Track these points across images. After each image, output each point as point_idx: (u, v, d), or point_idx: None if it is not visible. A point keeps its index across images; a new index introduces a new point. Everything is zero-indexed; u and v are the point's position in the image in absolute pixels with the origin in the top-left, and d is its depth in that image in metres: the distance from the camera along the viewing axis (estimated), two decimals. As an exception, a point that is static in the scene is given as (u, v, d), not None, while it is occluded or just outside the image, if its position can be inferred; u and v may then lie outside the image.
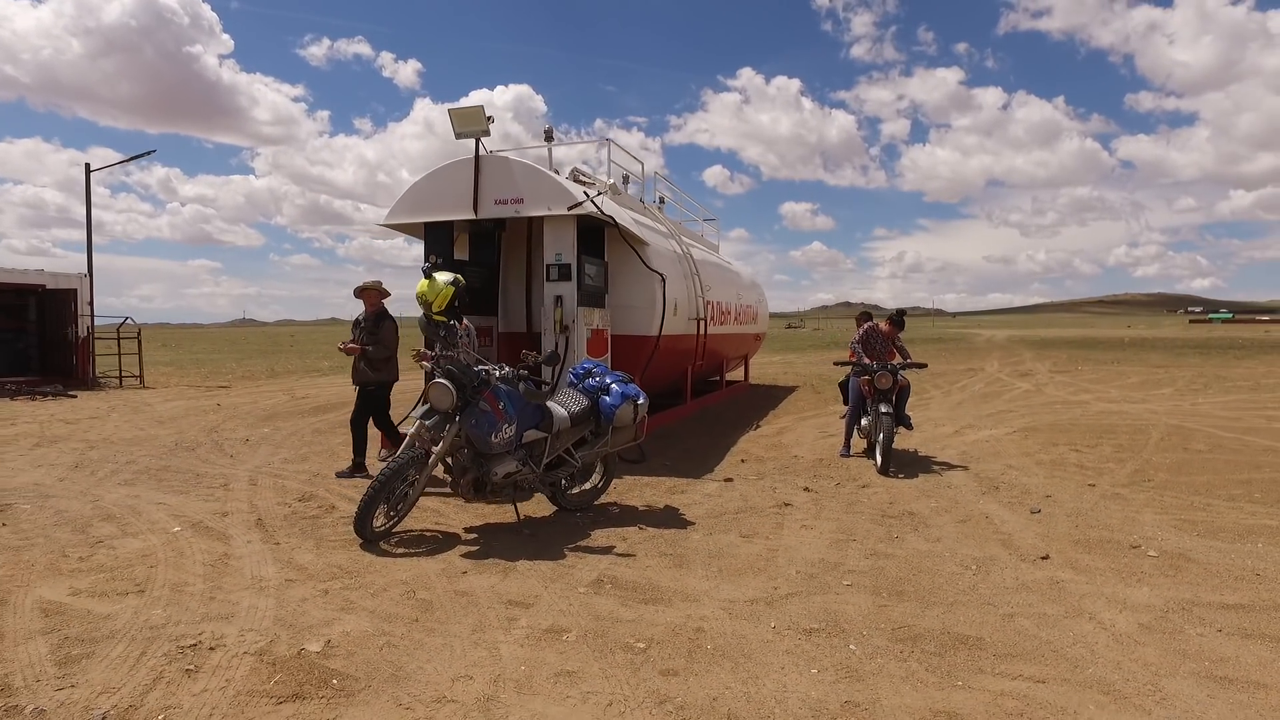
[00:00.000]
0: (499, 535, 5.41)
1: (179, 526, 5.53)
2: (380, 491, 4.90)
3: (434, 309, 5.34)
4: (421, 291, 5.36)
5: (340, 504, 6.27)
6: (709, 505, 6.44)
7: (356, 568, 4.60)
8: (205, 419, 11.90)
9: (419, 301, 5.43)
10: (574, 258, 7.94)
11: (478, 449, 5.12)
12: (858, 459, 8.57)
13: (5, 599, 4.04)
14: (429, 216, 8.26)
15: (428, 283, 5.36)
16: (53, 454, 8.75)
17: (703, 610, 4.00)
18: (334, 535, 5.34)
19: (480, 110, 7.86)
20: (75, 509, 6.15)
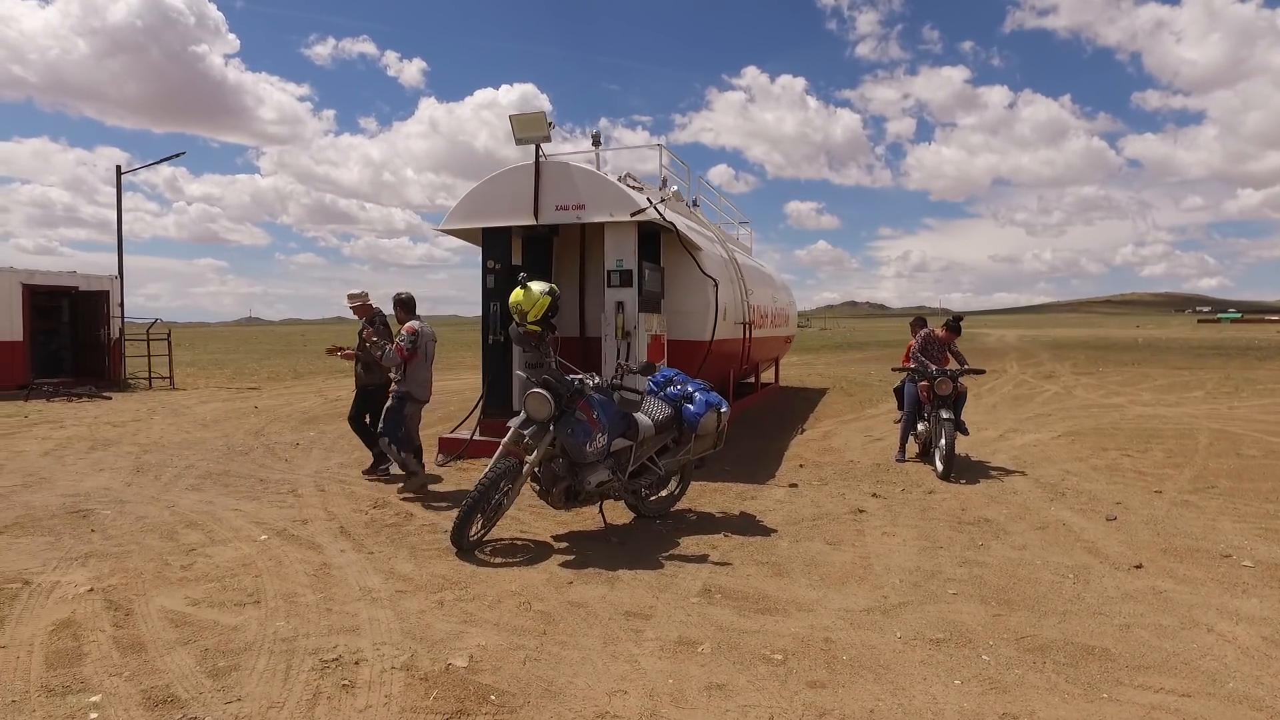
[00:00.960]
0: (589, 544, 5.43)
1: (265, 535, 5.55)
2: (478, 503, 4.92)
3: (529, 318, 5.35)
4: (516, 300, 5.37)
5: (417, 511, 6.29)
6: (784, 511, 6.46)
7: (460, 578, 4.61)
8: (247, 422, 11.94)
9: (513, 310, 5.44)
10: (635, 264, 7.95)
11: (572, 458, 5.14)
12: (915, 464, 8.58)
13: (129, 608, 4.06)
14: (488, 222, 8.28)
15: (523, 292, 5.37)
16: (109, 457, 8.79)
17: (822, 620, 4.02)
18: (424, 544, 5.36)
19: (542, 116, 7.88)
20: (155, 515, 6.18)
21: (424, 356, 7.00)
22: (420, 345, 6.94)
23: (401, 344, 6.86)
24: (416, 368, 6.98)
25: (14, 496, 6.84)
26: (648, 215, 7.75)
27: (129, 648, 3.57)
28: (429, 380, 7.17)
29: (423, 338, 6.97)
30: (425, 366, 7.05)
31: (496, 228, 8.32)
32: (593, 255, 9.40)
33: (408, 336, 6.87)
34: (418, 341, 6.90)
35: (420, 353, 6.95)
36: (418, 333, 6.92)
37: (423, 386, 7.09)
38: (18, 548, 5.28)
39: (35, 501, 6.64)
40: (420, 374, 7.03)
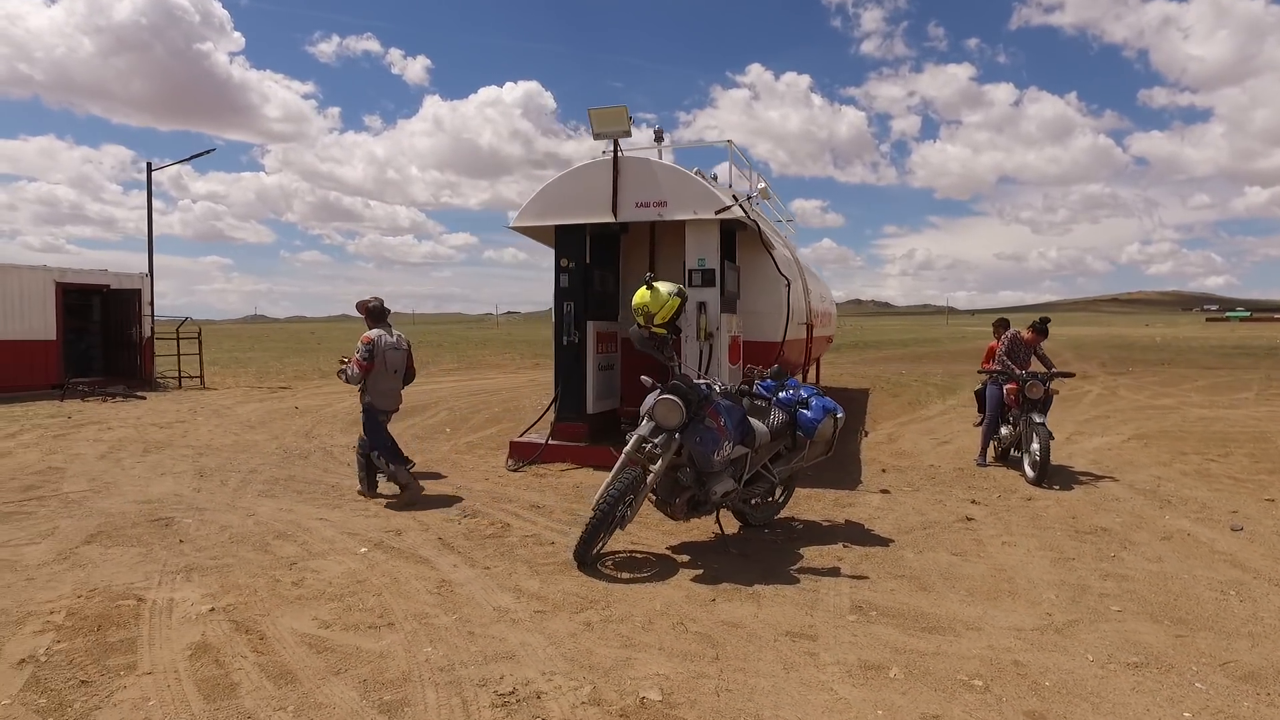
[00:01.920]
0: (709, 556, 5.19)
1: (365, 548, 5.30)
2: (606, 518, 4.68)
3: (656, 320, 5.10)
4: (642, 302, 5.12)
5: (512, 521, 6.03)
6: (889, 519, 6.22)
7: (595, 596, 4.37)
8: (292, 423, 11.70)
9: (637, 313, 5.18)
10: (718, 263, 7.71)
11: (699, 467, 4.90)
12: (999, 469, 8.34)
13: (260, 630, 3.82)
14: (563, 219, 8.02)
15: (650, 293, 5.11)
16: (166, 461, 8.55)
17: (999, 641, 3.77)
18: (536, 558, 5.10)
19: (623, 111, 7.62)
20: (238, 524, 5.94)
21: (383, 366, 6.78)
22: (377, 355, 6.71)
23: (358, 356, 6.68)
24: (377, 378, 6.78)
25: (88, 503, 6.60)
26: (733, 213, 7.50)
27: (279, 677, 3.32)
28: (392, 390, 6.94)
29: (379, 347, 6.73)
30: (387, 376, 6.84)
31: (570, 225, 8.06)
32: (663, 253, 9.14)
33: (363, 348, 6.68)
34: (374, 351, 6.69)
35: (379, 363, 6.74)
36: (373, 342, 6.70)
37: (385, 397, 6.86)
38: (112, 559, 5.04)
39: (111, 508, 6.41)
40: (381, 384, 6.82)
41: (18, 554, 5.20)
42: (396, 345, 6.98)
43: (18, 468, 8.10)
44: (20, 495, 6.89)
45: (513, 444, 8.27)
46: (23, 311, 14.68)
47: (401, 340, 7.06)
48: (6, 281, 14.46)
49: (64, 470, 8.02)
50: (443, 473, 8.05)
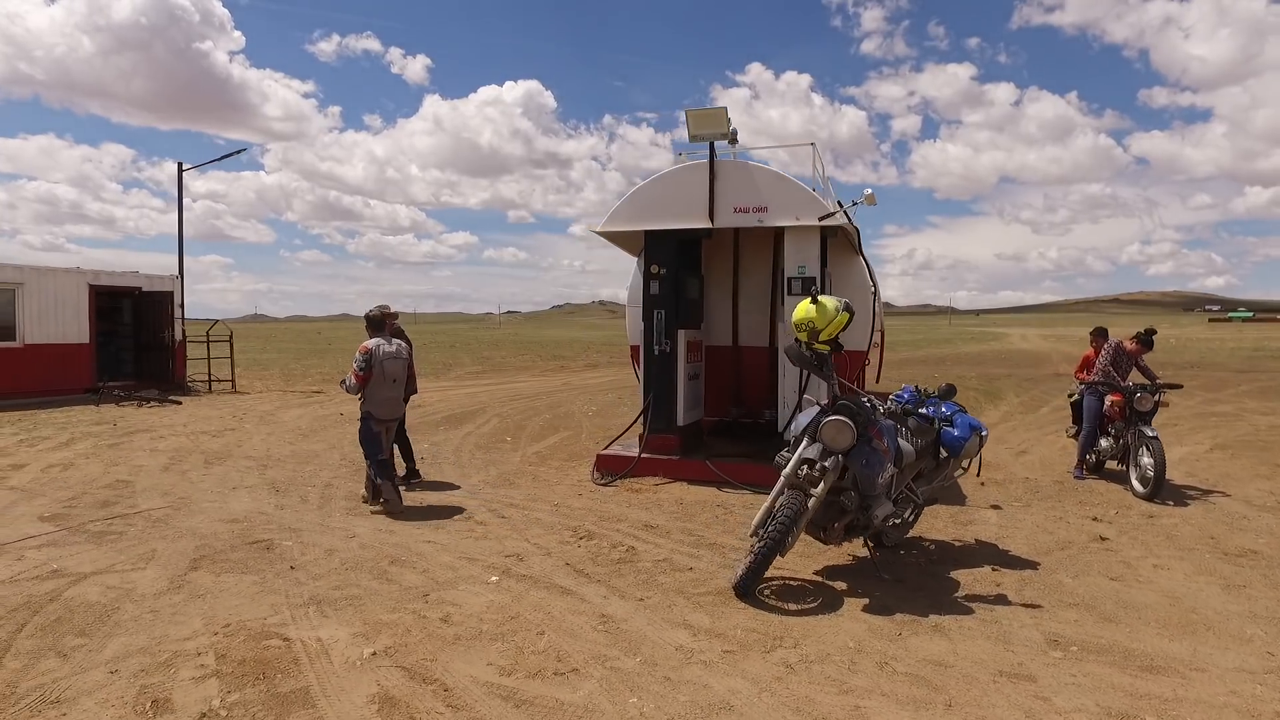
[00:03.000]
0: (860, 580, 4.91)
1: (495, 576, 4.99)
2: (776, 548, 4.39)
3: (821, 337, 4.82)
4: (807, 317, 4.82)
5: (635, 544, 5.72)
6: (1020, 538, 5.96)
7: (774, 630, 4.07)
8: (343, 431, 11.36)
9: (798, 327, 4.89)
10: (819, 270, 7.42)
11: (862, 491, 4.62)
12: (1098, 482, 8.08)
13: (438, 679, 3.51)
14: (656, 224, 7.72)
15: (815, 307, 4.82)
16: (233, 473, 8.22)
17: (1239, 686, 3.49)
18: (685, 586, 4.78)
19: (722, 112, 7.33)
20: (342, 547, 5.62)
21: (381, 376, 6.67)
22: (375, 365, 6.61)
23: (355, 367, 6.62)
24: (375, 387, 6.68)
25: (173, 521, 6.29)
26: (836, 220, 7.21)
27: (490, 736, 3.04)
28: (390, 400, 6.83)
29: (376, 356, 6.62)
30: (385, 385, 6.74)
31: (660, 231, 7.76)
32: (747, 258, 8.86)
33: (360, 357, 6.61)
34: (370, 361, 6.59)
35: (376, 372, 6.63)
36: (370, 351, 6.62)
37: (381, 405, 6.75)
38: (229, 589, 4.73)
39: (199, 528, 6.09)
40: (379, 393, 6.72)
41: (128, 581, 4.89)
42: (395, 355, 6.82)
43: (85, 481, 7.78)
44: (101, 512, 6.57)
45: (599, 457, 7.97)
46: (57, 315, 14.33)
47: (401, 349, 6.92)
48: (42, 285, 14.10)
49: (132, 484, 7.70)
50: (525, 486, 7.75)
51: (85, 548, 5.60)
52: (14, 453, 9.29)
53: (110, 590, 4.74)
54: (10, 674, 3.58)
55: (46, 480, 7.83)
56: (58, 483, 7.72)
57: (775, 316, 8.76)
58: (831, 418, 4.53)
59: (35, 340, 14.06)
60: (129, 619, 4.28)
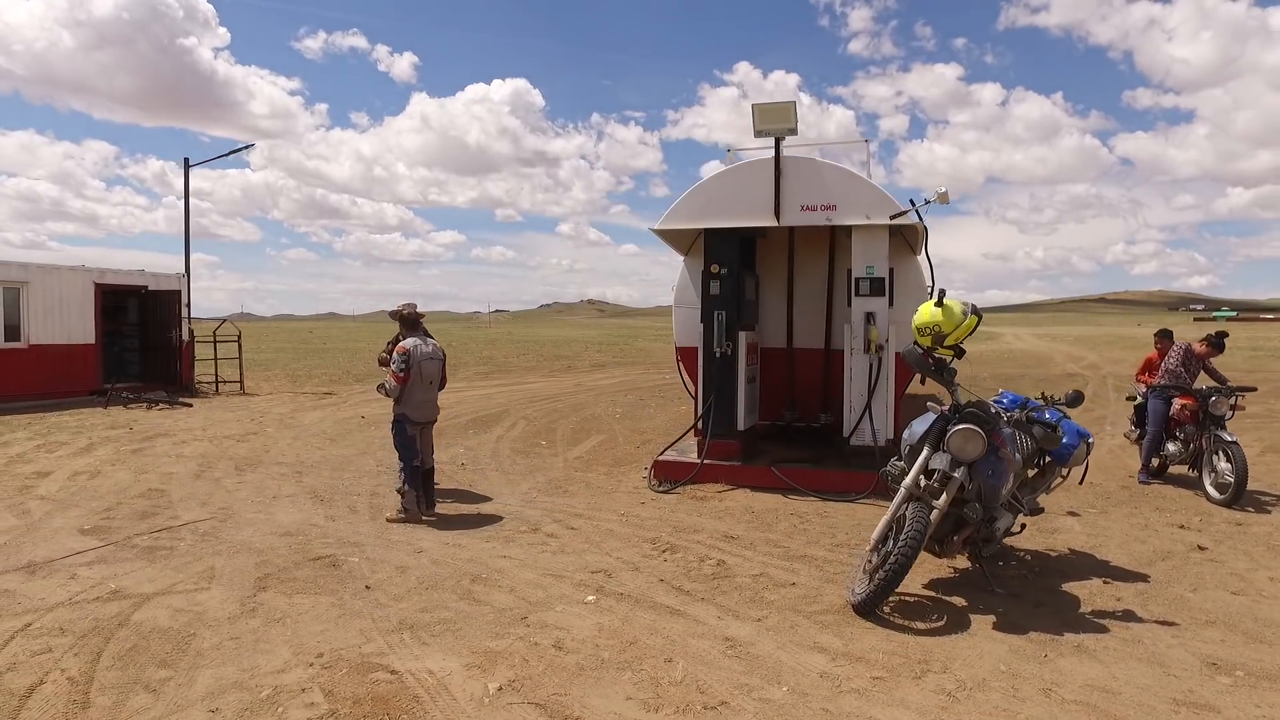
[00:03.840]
0: (979, 596, 4.65)
1: (591, 595, 4.70)
2: (906, 568, 4.13)
3: (948, 342, 4.56)
4: (932, 321, 4.56)
5: (725, 558, 5.43)
6: (1113, 547, 5.76)
7: (915, 653, 3.80)
8: (369, 434, 11.00)
9: (922, 331, 4.64)
10: (887, 270, 7.18)
11: (985, 502, 4.38)
12: (1165, 486, 7.90)
13: (579, 717, 3.22)
14: (719, 222, 7.43)
15: (940, 310, 4.56)
16: (268, 481, 7.85)
17: None
18: (793, 603, 4.49)
19: (791, 106, 7.06)
20: (414, 564, 5.29)
21: (419, 377, 6.43)
22: (413, 366, 6.36)
23: (394, 369, 6.38)
24: (412, 389, 6.44)
25: (223, 535, 5.94)
26: (908, 219, 6.97)
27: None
28: (427, 402, 6.60)
29: (415, 358, 6.39)
30: (422, 388, 6.51)
31: (721, 229, 7.48)
32: (803, 257, 8.60)
33: (398, 359, 6.37)
34: (409, 362, 6.33)
35: (414, 373, 6.39)
36: (408, 353, 6.38)
37: (418, 408, 6.51)
38: (307, 613, 4.40)
39: (253, 542, 5.74)
40: (416, 395, 6.48)
41: (195, 603, 4.55)
42: (432, 355, 6.57)
43: (117, 490, 7.39)
44: (143, 524, 6.20)
45: (657, 463, 7.67)
46: (62, 314, 13.83)
47: (437, 349, 6.68)
48: (46, 283, 13.60)
49: (166, 493, 7.32)
50: (582, 494, 7.44)
51: (138, 565, 5.24)
52: (35, 459, 8.86)
53: (179, 613, 4.40)
54: (103, 713, 3.25)
55: (76, 489, 7.43)
56: (88, 492, 7.33)
57: (831, 318, 8.51)
58: (962, 426, 4.28)
59: (40, 341, 13.56)
60: (210, 647, 3.95)
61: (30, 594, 4.69)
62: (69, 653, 3.88)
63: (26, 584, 4.87)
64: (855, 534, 6.04)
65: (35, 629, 4.17)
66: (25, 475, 7.95)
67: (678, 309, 8.87)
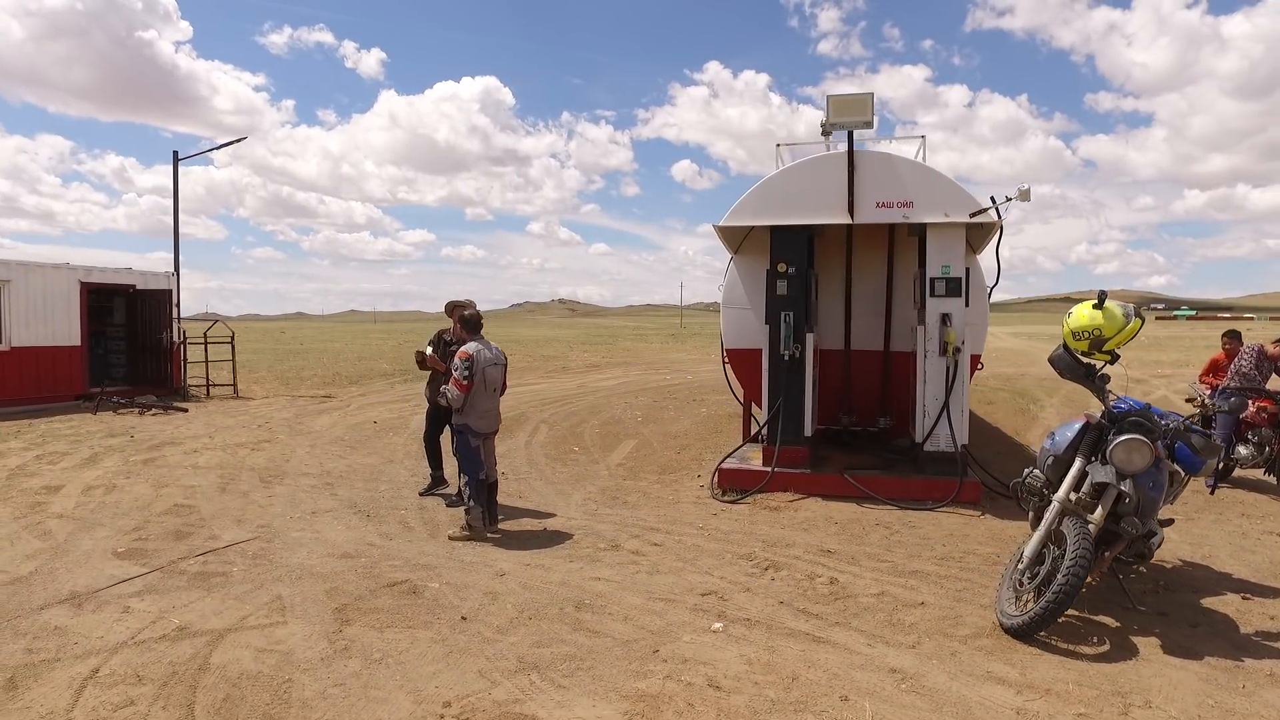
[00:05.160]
0: (1123, 614, 4.37)
1: (718, 622, 4.32)
2: (1077, 589, 3.83)
3: (1108, 346, 4.27)
4: (1093, 324, 4.26)
5: (835, 575, 5.07)
6: (1225, 557, 5.58)
7: (1102, 683, 3.49)
8: (390, 441, 10.46)
9: (1078, 334, 4.33)
10: (963, 270, 6.92)
11: (1143, 515, 4.11)
12: (1239, 490, 7.76)
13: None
14: (788, 219, 7.08)
15: (1100, 314, 4.26)
16: (301, 495, 7.30)
17: None
18: (936, 626, 4.16)
19: (868, 99, 6.75)
20: (502, 589, 4.82)
21: (482, 385, 5.96)
22: (476, 372, 5.89)
23: (457, 376, 5.87)
24: (475, 398, 5.94)
25: (275, 558, 5.42)
26: (988, 216, 6.71)
27: None
28: (491, 411, 6.10)
29: (479, 364, 5.91)
30: (486, 396, 6.02)
31: (789, 226, 7.14)
32: (861, 256, 8.31)
33: (462, 364, 5.86)
34: (473, 368, 5.87)
35: (478, 381, 5.91)
36: (472, 358, 5.89)
37: (482, 418, 6.03)
38: (407, 651, 3.93)
39: (312, 566, 5.24)
40: (480, 404, 5.98)
41: (275, 640, 4.07)
42: (496, 361, 6.10)
43: (139, 506, 6.80)
44: (182, 546, 5.66)
45: (722, 471, 7.30)
46: (46, 314, 12.97)
47: (499, 354, 6.21)
48: (30, 281, 12.73)
49: (195, 509, 6.75)
50: (644, 506, 7.03)
51: (194, 594, 4.73)
52: (37, 471, 8.18)
53: (263, 654, 3.92)
54: (228, 789, 2.79)
55: (94, 505, 6.82)
56: (109, 508, 6.73)
57: (891, 318, 8.24)
58: (1129, 437, 4.00)
59: (23, 343, 12.69)
60: (314, 696, 3.49)
61: (84, 631, 4.17)
62: (156, 705, 3.40)
63: (76, 619, 4.34)
64: (954, 546, 5.75)
65: (106, 676, 3.67)
66: (34, 490, 7.30)
67: (726, 309, 8.52)
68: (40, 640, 4.06)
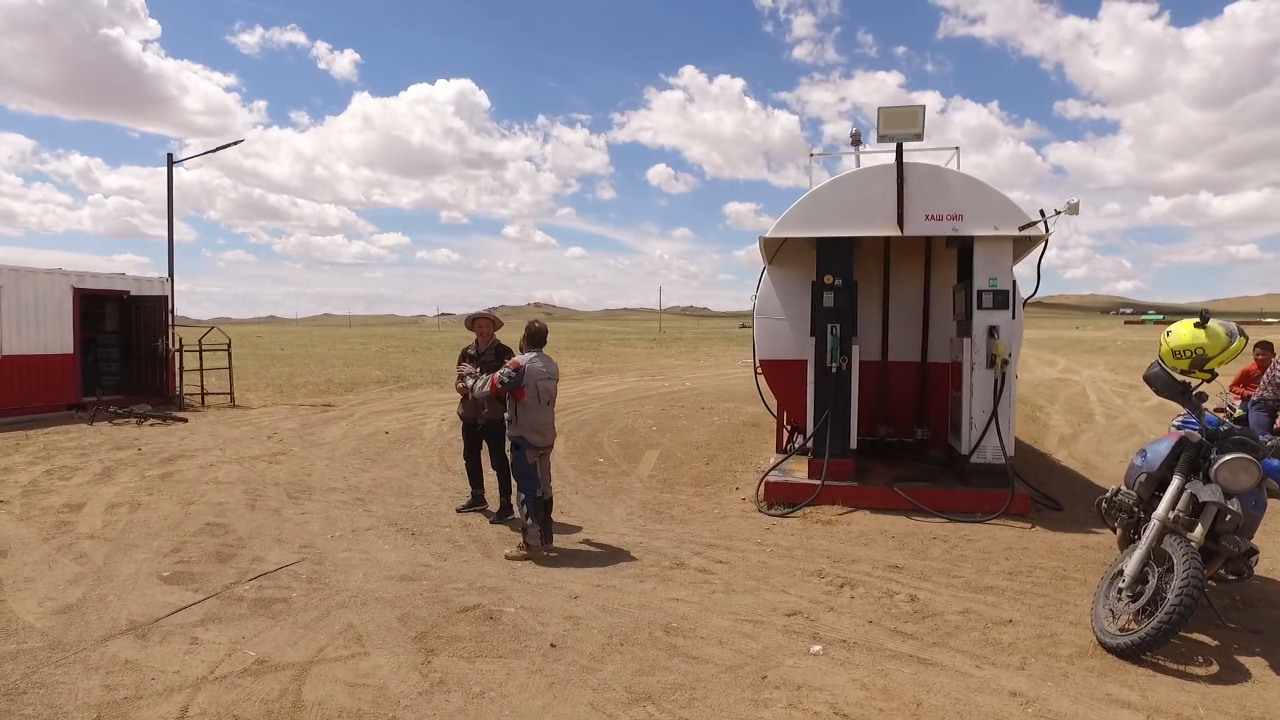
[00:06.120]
0: (1219, 633, 4.36)
1: (817, 645, 4.23)
2: (1192, 609, 3.82)
3: (1209, 365, 4.28)
4: (1195, 344, 4.26)
5: (916, 593, 5.02)
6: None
7: (1229, 707, 3.47)
8: (409, 452, 10.23)
9: (1179, 353, 4.33)
10: (1010, 283, 6.95)
11: (1245, 533, 4.13)
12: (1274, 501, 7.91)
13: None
14: (836, 230, 7.05)
15: (1203, 333, 4.27)
16: (335, 512, 7.07)
17: None
18: (1034, 645, 4.12)
19: (919, 111, 6.75)
20: (583, 614, 4.67)
21: (535, 398, 5.85)
22: (528, 383, 5.78)
23: (498, 377, 5.81)
24: (528, 410, 5.83)
25: (333, 581, 5.22)
26: (1037, 230, 6.76)
27: None
28: (545, 424, 5.99)
29: (530, 375, 5.80)
30: (540, 409, 5.91)
31: (836, 238, 7.11)
32: (898, 268, 8.33)
33: (509, 371, 5.78)
34: (521, 379, 5.75)
35: (530, 393, 5.81)
36: (522, 369, 5.78)
37: (537, 431, 5.91)
38: (505, 684, 3.78)
39: (376, 591, 5.04)
40: (532, 417, 5.86)
41: (365, 675, 3.89)
42: (549, 374, 6.01)
43: (169, 525, 6.52)
44: (229, 570, 5.42)
45: (769, 484, 7.24)
46: (38, 321, 12.49)
47: (553, 366, 6.11)
48: (21, 287, 12.24)
49: (228, 528, 6.50)
50: (691, 521, 6.94)
51: (260, 623, 4.53)
52: (52, 487, 7.83)
53: (356, 689, 3.75)
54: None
55: (122, 525, 6.53)
56: (139, 528, 6.46)
57: (928, 329, 8.26)
58: (1235, 456, 4.02)
59: (14, 351, 12.20)
60: (429, 733, 3.35)
61: (157, 665, 3.96)
62: (264, 749, 3.23)
63: (144, 651, 4.12)
64: (1018, 560, 5.75)
65: (197, 715, 3.48)
66: (55, 509, 6.98)
67: (760, 320, 8.48)
68: (115, 675, 3.85)
